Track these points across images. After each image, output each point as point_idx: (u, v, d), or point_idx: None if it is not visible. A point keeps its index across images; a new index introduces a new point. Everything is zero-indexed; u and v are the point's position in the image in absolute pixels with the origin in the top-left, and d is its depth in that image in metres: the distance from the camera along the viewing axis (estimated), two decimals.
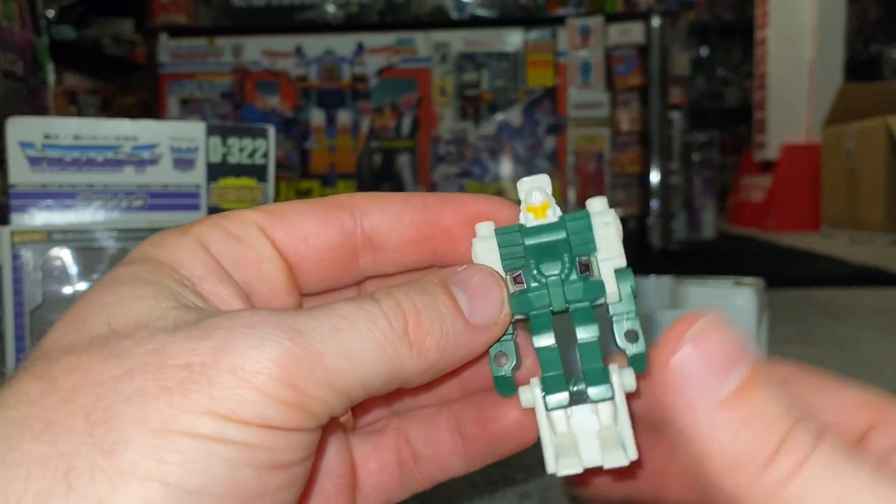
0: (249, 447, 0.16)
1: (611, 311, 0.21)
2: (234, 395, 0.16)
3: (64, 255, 0.62)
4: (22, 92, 1.12)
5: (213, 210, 0.68)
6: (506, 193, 2.21)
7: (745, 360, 0.17)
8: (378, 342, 0.18)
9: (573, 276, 0.21)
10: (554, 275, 0.21)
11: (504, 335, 0.21)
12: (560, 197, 2.18)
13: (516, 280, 0.22)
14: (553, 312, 0.21)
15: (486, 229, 0.22)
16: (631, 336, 0.21)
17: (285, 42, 2.22)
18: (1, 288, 0.61)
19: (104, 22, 2.36)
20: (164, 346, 0.16)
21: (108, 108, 2.35)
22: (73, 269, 0.63)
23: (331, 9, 2.28)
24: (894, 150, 2.39)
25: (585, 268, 0.21)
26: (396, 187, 2.23)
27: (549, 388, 0.20)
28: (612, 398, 0.20)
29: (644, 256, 1.99)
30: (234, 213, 0.21)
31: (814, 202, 2.96)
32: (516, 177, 2.22)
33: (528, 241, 0.21)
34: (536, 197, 0.22)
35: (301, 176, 2.25)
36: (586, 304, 0.21)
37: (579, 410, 0.20)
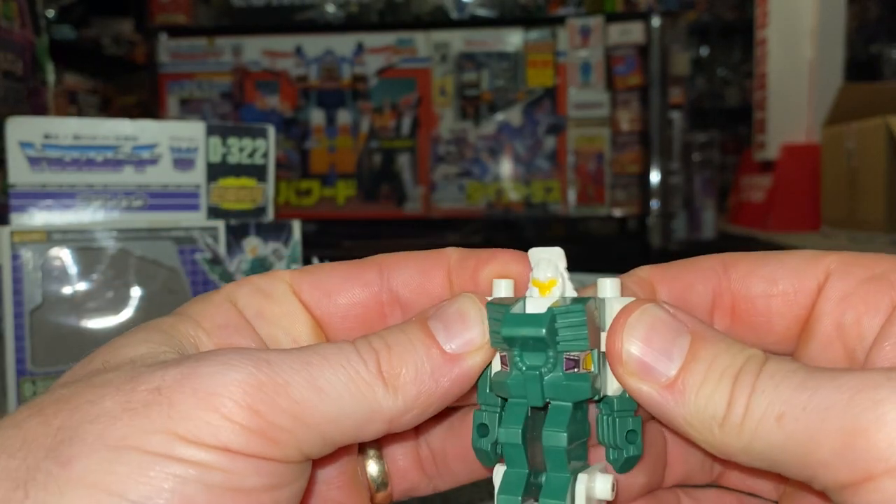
0: (203, 467, 0.16)
1: (615, 406, 0.20)
2: (193, 416, 0.17)
3: (64, 255, 0.62)
4: (21, 92, 1.12)
5: (213, 210, 0.68)
6: (505, 193, 2.21)
7: (683, 332, 0.18)
8: (350, 378, 0.18)
9: (557, 372, 0.19)
10: (535, 367, 0.19)
11: (491, 407, 0.21)
12: (560, 197, 2.18)
13: (503, 360, 0.21)
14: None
15: (502, 288, 0.21)
16: (632, 437, 0.21)
17: (285, 42, 2.22)
18: (1, 288, 0.61)
19: (104, 22, 2.36)
20: (139, 376, 0.17)
21: (107, 108, 2.35)
22: (72, 269, 0.63)
23: (331, 9, 2.28)
24: (895, 149, 2.40)
25: (574, 363, 0.20)
26: (396, 187, 2.23)
27: (504, 487, 0.20)
28: None
29: (644, 256, 1.99)
30: (268, 272, 0.23)
31: (814, 202, 2.97)
32: (516, 177, 2.22)
33: (505, 331, 0.19)
34: (544, 272, 0.20)
35: (301, 176, 2.25)
36: (567, 403, 0.19)
37: None
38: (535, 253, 0.21)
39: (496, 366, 0.21)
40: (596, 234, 2.51)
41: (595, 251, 1.98)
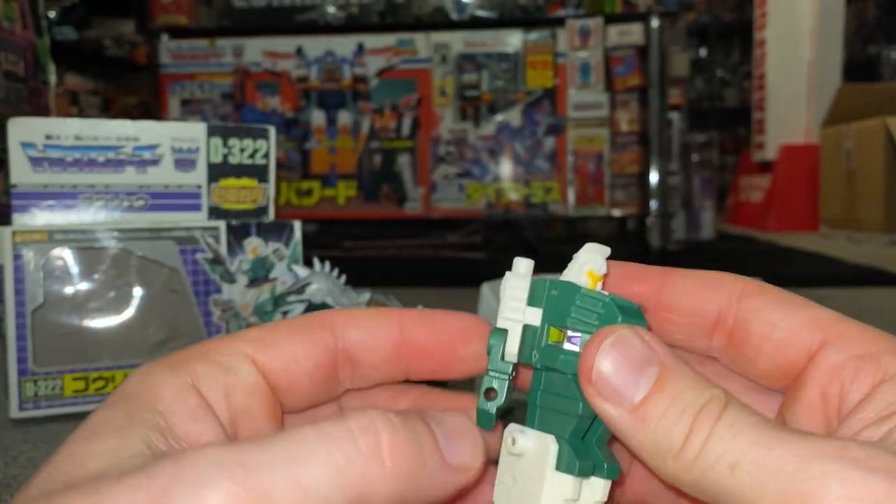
0: None
1: None
2: None
3: (65, 255, 0.63)
4: (23, 92, 1.12)
5: (214, 210, 0.68)
6: (505, 193, 2.22)
7: (653, 363, 0.19)
8: (339, 467, 0.17)
9: None
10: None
11: (501, 374, 0.22)
12: (560, 197, 2.18)
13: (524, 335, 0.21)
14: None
15: (524, 267, 0.22)
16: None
17: (286, 43, 2.23)
18: (2, 287, 0.62)
19: (105, 23, 2.36)
20: (105, 499, 0.16)
21: (109, 109, 2.35)
22: (74, 269, 0.63)
23: (331, 10, 2.28)
24: (893, 150, 2.40)
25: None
26: (397, 187, 2.23)
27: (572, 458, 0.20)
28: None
29: (644, 257, 1.99)
30: (225, 343, 0.22)
31: (813, 202, 2.96)
32: (516, 177, 2.22)
33: (620, 319, 0.20)
34: (601, 266, 0.21)
35: (301, 176, 2.25)
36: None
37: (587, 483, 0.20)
38: (594, 247, 0.22)
39: (515, 338, 0.21)
40: (595, 235, 2.51)
41: None
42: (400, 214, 2.24)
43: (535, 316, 0.21)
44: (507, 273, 0.22)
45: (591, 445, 0.20)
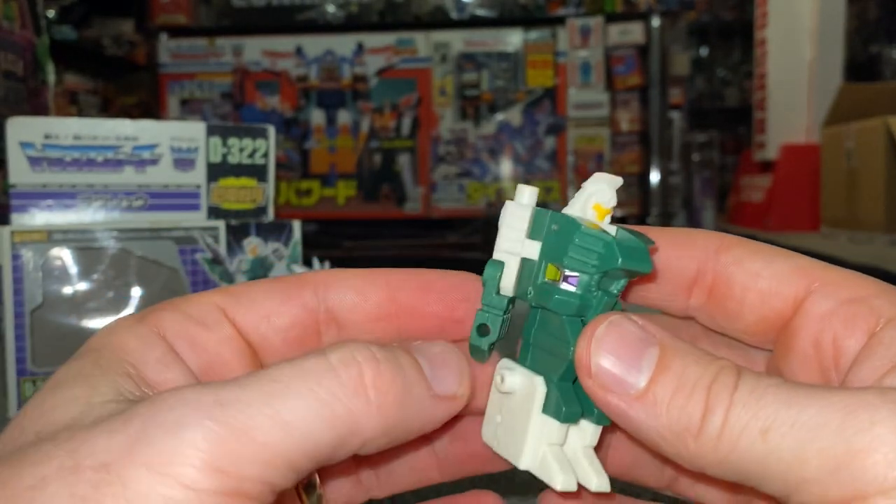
0: None
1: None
2: (153, 494, 0.15)
3: (64, 255, 0.62)
4: (22, 92, 1.12)
5: (214, 210, 0.68)
6: (505, 193, 2.21)
7: (652, 343, 0.18)
8: (322, 402, 0.16)
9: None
10: (608, 290, 0.19)
11: (494, 310, 0.21)
12: (560, 197, 2.18)
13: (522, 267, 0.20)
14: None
15: (527, 196, 0.21)
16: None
17: (285, 42, 2.22)
18: (1, 288, 0.61)
19: (104, 22, 2.36)
20: (81, 446, 0.15)
21: (108, 109, 2.35)
22: (73, 269, 0.63)
23: (331, 9, 2.28)
24: (894, 150, 2.40)
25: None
26: (396, 187, 2.23)
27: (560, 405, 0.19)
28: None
29: None
30: (196, 295, 0.21)
31: (813, 202, 2.97)
32: (516, 177, 2.22)
33: (621, 263, 0.18)
34: (610, 199, 0.20)
35: (301, 176, 2.25)
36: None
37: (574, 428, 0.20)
38: (603, 176, 0.20)
39: (511, 272, 0.21)
40: None
41: None
42: (400, 214, 2.24)
43: (533, 249, 0.20)
44: (508, 202, 0.21)
45: (581, 390, 0.19)
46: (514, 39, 2.19)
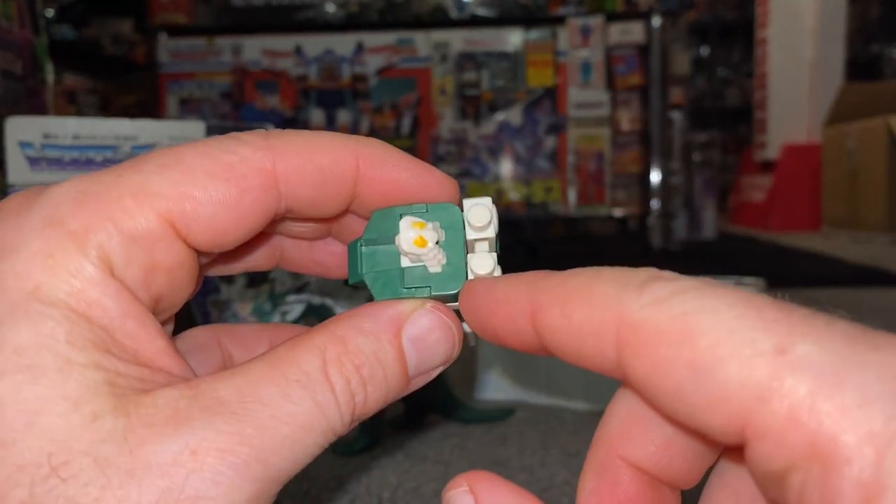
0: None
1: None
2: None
3: None
4: (21, 91, 1.11)
5: None
6: (506, 193, 2.21)
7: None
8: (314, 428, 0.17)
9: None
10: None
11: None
12: (560, 197, 2.18)
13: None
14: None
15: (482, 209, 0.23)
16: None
17: (285, 41, 2.22)
18: None
19: (103, 21, 2.36)
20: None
21: (107, 108, 2.35)
22: None
23: (330, 8, 2.27)
24: (895, 149, 2.39)
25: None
26: None
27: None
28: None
29: (644, 256, 1.99)
30: (133, 201, 0.17)
31: (814, 202, 2.96)
32: (516, 176, 2.22)
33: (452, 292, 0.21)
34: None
35: None
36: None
37: None
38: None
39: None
40: (596, 234, 2.50)
41: (595, 251, 1.98)
42: None
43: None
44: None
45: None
46: (514, 39, 2.19)
